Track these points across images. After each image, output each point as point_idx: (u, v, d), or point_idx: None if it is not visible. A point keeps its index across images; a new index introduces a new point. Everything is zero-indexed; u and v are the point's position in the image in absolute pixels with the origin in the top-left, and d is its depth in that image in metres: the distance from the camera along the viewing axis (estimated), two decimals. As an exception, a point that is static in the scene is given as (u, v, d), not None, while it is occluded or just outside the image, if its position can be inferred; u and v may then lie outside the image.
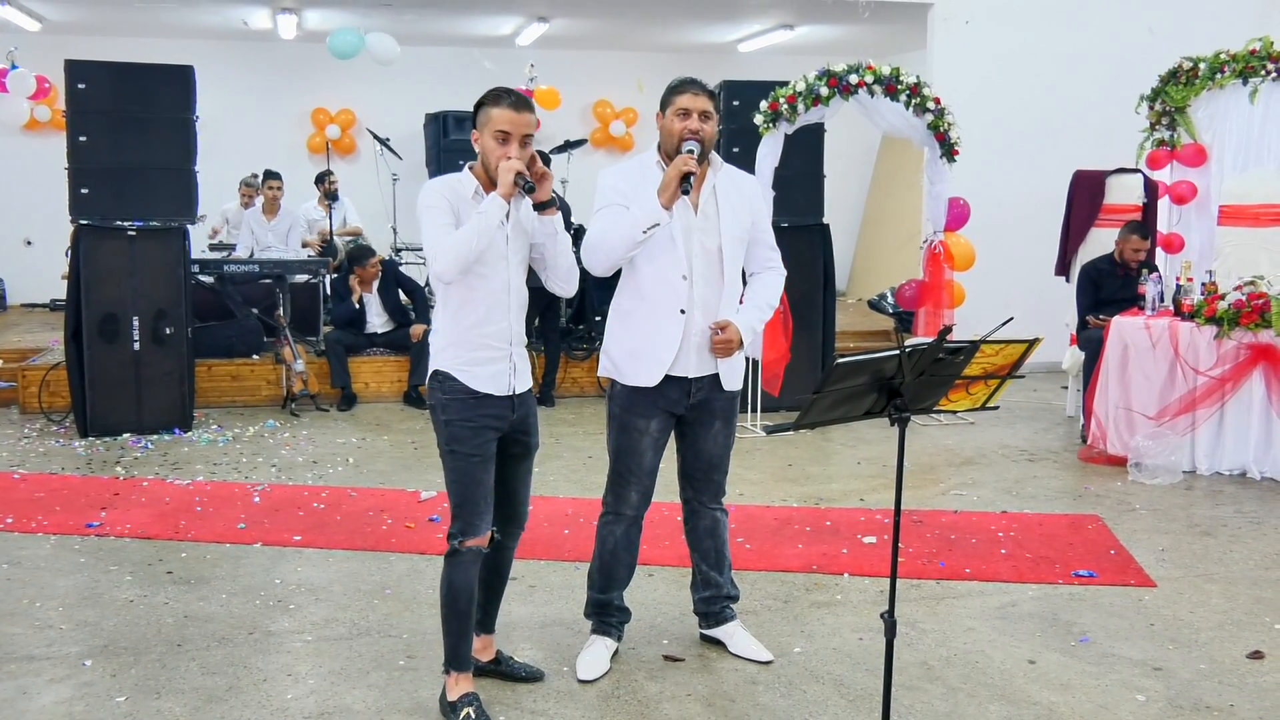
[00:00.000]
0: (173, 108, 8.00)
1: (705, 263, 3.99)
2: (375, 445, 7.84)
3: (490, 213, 3.54)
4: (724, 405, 4.16)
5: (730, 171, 4.12)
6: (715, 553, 4.35)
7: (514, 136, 3.62)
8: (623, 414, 4.10)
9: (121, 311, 7.95)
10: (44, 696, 3.95)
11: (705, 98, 3.95)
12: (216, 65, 11.88)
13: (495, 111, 3.63)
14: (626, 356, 4.07)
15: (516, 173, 3.55)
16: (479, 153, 3.71)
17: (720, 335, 3.97)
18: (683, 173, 3.77)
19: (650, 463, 4.14)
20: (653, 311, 4.00)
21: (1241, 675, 4.21)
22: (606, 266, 3.99)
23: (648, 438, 4.09)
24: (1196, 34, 9.70)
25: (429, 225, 3.61)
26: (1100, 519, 6.15)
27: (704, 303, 3.99)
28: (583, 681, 4.09)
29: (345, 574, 5.22)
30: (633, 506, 4.19)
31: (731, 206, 4.04)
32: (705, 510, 4.31)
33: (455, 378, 3.68)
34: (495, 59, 13.74)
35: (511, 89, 3.70)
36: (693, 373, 4.03)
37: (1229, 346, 6.92)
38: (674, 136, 3.95)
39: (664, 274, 3.97)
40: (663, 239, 3.92)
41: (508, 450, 3.83)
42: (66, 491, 6.55)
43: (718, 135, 4.12)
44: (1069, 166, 9.22)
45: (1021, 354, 3.23)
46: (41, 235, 12.49)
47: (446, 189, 3.68)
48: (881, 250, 14.13)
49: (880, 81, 8.10)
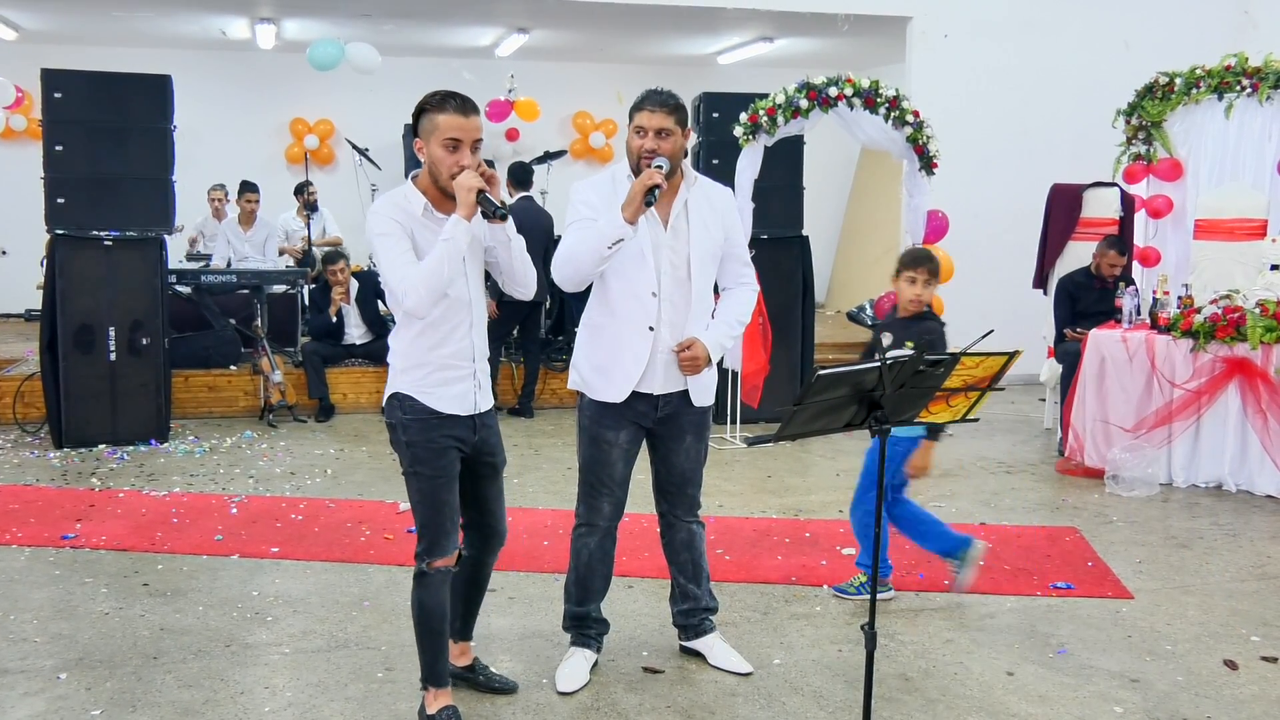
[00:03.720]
0: (150, 117, 7.97)
1: (674, 279, 3.96)
2: (353, 456, 7.80)
3: (457, 239, 3.37)
4: (694, 420, 4.13)
5: (704, 185, 4.08)
6: (692, 565, 4.34)
7: (464, 143, 3.43)
8: (592, 426, 4.08)
9: (97, 322, 7.90)
10: (18, 710, 3.91)
11: (663, 114, 3.85)
12: (194, 75, 11.84)
13: (441, 118, 3.42)
14: (594, 371, 4.06)
15: (479, 192, 3.38)
16: (425, 162, 3.51)
17: (686, 353, 3.94)
18: (647, 187, 3.72)
19: (621, 474, 4.12)
20: (622, 328, 3.97)
21: (1218, 687, 4.23)
22: (576, 281, 3.96)
23: (617, 449, 4.07)
24: (1173, 49, 9.78)
25: (387, 256, 3.42)
26: (1078, 531, 6.17)
27: (671, 320, 3.97)
28: (562, 693, 4.08)
29: (323, 586, 5.19)
30: (605, 518, 4.17)
31: (703, 221, 4.00)
32: (680, 524, 4.30)
33: (416, 399, 3.57)
34: (475, 70, 13.74)
35: (455, 91, 3.49)
36: (659, 389, 4.01)
37: (1205, 360, 6.96)
38: (633, 153, 3.92)
39: (634, 289, 3.94)
40: (633, 255, 3.89)
41: (476, 471, 3.77)
42: (41, 503, 6.50)
43: (690, 149, 4.08)
44: (1046, 180, 9.27)
45: (1001, 366, 3.24)
46: (17, 245, 12.35)
47: (395, 210, 3.49)
48: (860, 262, 14.17)
49: (859, 94, 8.13)
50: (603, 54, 13.95)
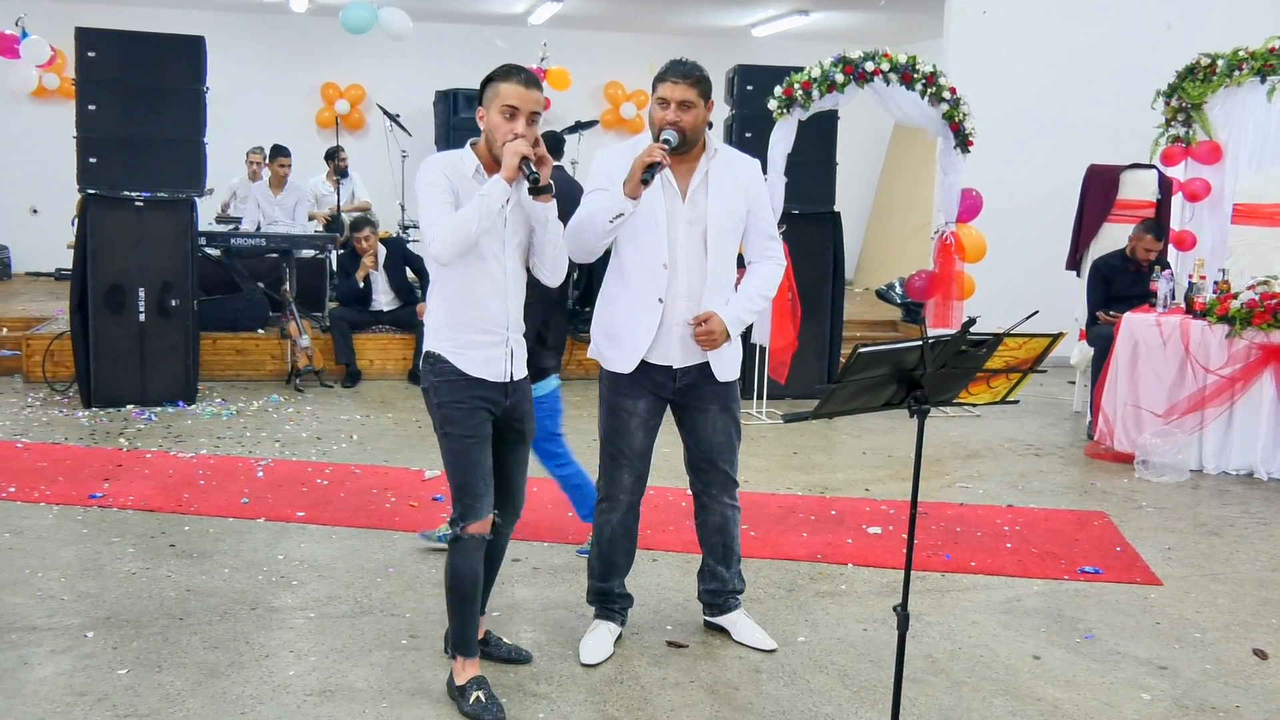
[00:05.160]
0: (183, 79, 7.95)
1: (690, 250, 3.91)
2: (379, 423, 7.81)
3: (492, 195, 3.45)
4: (718, 392, 4.07)
5: (727, 156, 4.01)
6: (723, 548, 4.30)
7: (521, 112, 3.53)
8: (610, 395, 4.05)
9: (127, 282, 7.92)
10: (45, 667, 3.93)
11: (686, 85, 3.81)
12: (227, 37, 11.83)
13: (504, 86, 3.54)
14: (607, 341, 4.03)
15: (522, 157, 3.46)
16: (484, 130, 3.62)
17: (702, 328, 3.89)
18: (646, 164, 3.67)
19: (641, 444, 4.07)
20: (634, 298, 3.94)
21: (1248, 676, 4.19)
22: (583, 253, 3.92)
23: (636, 418, 4.02)
24: (1214, 30, 9.64)
25: (426, 203, 3.54)
26: (1106, 515, 6.12)
27: (688, 292, 3.91)
28: (586, 665, 4.07)
29: (348, 551, 5.20)
30: (626, 490, 4.12)
31: (723, 193, 3.94)
32: (715, 505, 4.23)
33: (448, 360, 3.61)
34: (507, 37, 13.68)
35: (522, 66, 3.62)
36: (677, 363, 3.96)
37: (1240, 346, 6.88)
38: (655, 125, 3.86)
39: (646, 260, 3.89)
40: (645, 225, 3.85)
41: (502, 435, 3.77)
42: (69, 462, 6.53)
43: (724, 121, 4.02)
44: (1083, 161, 9.16)
45: (1045, 348, 3.19)
46: (48, 204, 12.45)
47: (447, 166, 3.60)
48: (890, 240, 14.08)
49: (896, 70, 8.05)
50: (636, 24, 13.86)
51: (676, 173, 3.88)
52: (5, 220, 12.83)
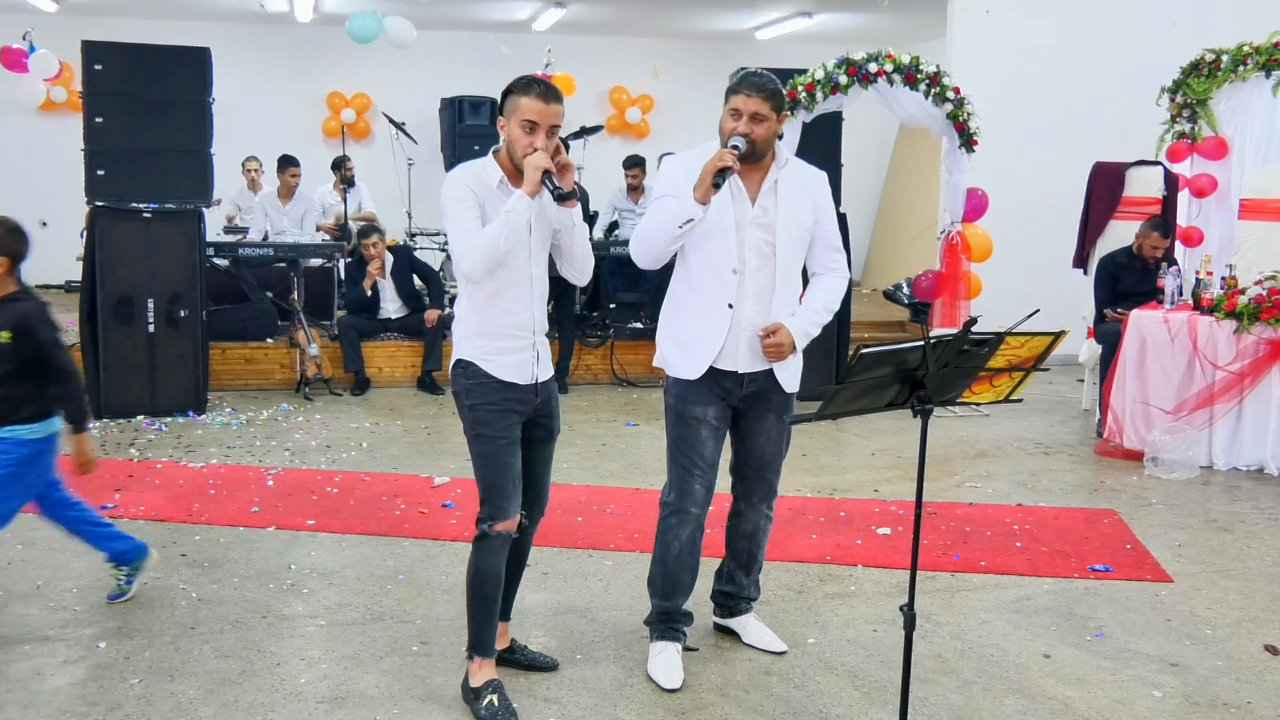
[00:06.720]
0: (189, 90, 7.98)
1: (759, 255, 3.89)
2: (389, 430, 7.83)
3: (518, 211, 3.51)
4: (780, 402, 4.04)
5: (796, 166, 4.00)
6: (748, 555, 4.29)
7: (541, 127, 3.57)
8: (678, 403, 4.00)
9: (136, 293, 7.96)
10: (58, 678, 3.95)
11: (761, 99, 3.78)
12: (233, 48, 11.88)
13: (524, 100, 3.58)
14: (674, 347, 4.00)
15: (544, 172, 3.51)
16: (505, 140, 3.67)
17: (770, 339, 3.87)
18: (717, 169, 3.67)
19: (712, 453, 4.01)
20: (702, 304, 3.91)
21: (1259, 672, 4.18)
22: (651, 259, 3.92)
23: (706, 425, 3.97)
24: (1219, 26, 9.60)
25: (455, 221, 3.59)
26: (1116, 513, 6.11)
27: (756, 298, 3.89)
28: (669, 691, 3.94)
29: (358, 559, 5.22)
30: (698, 503, 4.03)
31: (792, 203, 3.92)
32: (751, 512, 4.21)
33: (478, 365, 3.67)
34: (511, 44, 13.71)
35: (542, 79, 3.66)
36: (744, 368, 3.93)
37: (1248, 341, 6.87)
38: (725, 135, 3.84)
39: (714, 266, 3.88)
40: (714, 231, 3.83)
41: (530, 434, 3.82)
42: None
43: (783, 132, 3.99)
44: (1088, 158, 9.15)
45: (1047, 347, 3.19)
46: (57, 216, 12.46)
47: (471, 178, 3.64)
48: (897, 240, 14.08)
49: (900, 70, 8.06)
50: (640, 28, 13.87)
51: (746, 180, 3.87)
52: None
